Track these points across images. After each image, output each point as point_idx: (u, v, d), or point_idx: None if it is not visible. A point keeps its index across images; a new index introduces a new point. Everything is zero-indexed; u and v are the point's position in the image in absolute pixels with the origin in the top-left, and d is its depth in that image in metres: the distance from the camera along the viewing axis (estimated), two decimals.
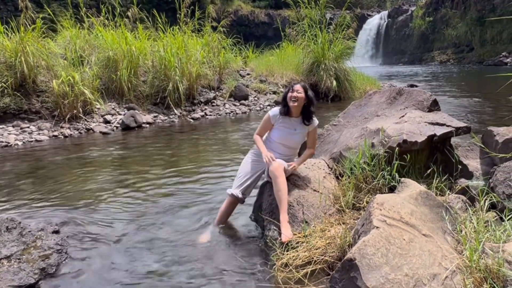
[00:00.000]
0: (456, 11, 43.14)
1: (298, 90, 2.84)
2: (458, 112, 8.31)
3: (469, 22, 40.87)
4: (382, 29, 51.39)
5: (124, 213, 3.28)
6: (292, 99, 2.83)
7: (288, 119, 2.92)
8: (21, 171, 4.63)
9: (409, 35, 49.32)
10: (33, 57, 7.11)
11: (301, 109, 2.90)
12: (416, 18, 48.18)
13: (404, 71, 29.16)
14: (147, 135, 6.82)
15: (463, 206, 2.41)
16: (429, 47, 46.55)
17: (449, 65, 39.34)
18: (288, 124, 2.92)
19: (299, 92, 2.84)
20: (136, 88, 8.41)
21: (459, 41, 42.69)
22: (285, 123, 2.92)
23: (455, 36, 43.07)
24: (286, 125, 2.92)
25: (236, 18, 47.48)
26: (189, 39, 9.70)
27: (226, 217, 2.97)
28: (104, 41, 8.56)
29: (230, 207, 2.95)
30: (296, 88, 2.86)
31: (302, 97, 2.84)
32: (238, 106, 9.72)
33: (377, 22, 51.52)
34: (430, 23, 46.22)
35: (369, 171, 2.75)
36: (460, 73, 25.07)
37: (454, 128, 2.75)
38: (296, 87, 2.86)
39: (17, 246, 2.40)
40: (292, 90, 2.86)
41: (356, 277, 1.76)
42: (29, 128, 6.65)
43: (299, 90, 2.85)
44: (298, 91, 2.84)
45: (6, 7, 27.78)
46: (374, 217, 2.02)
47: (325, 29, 10.82)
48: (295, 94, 2.82)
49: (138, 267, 2.41)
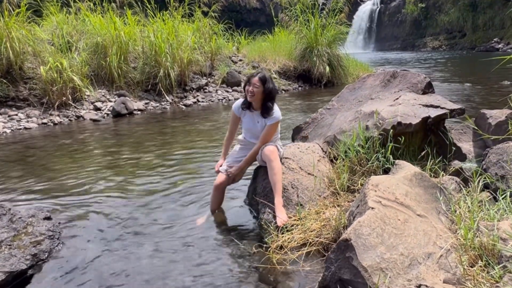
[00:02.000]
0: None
1: (255, 84, 2.64)
2: (451, 96, 8.35)
3: (462, 8, 40.82)
4: (374, 15, 51.09)
5: (116, 199, 3.24)
6: (249, 94, 2.65)
7: (251, 112, 2.81)
8: (9, 159, 4.53)
9: (402, 21, 49.14)
10: (19, 43, 6.91)
11: (261, 102, 2.72)
12: (409, 4, 47.94)
13: (396, 57, 29.16)
14: (139, 122, 6.73)
15: (457, 187, 2.42)
16: (421, 33, 46.51)
17: (442, 51, 39.42)
18: (251, 116, 2.82)
19: (256, 86, 2.63)
20: (127, 75, 8.27)
21: (452, 27, 42.69)
22: (248, 115, 2.84)
23: (447, 22, 43.03)
24: (249, 117, 2.84)
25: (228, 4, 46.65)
26: (180, 25, 9.51)
27: (218, 202, 2.92)
28: (92, 26, 8.35)
29: (219, 188, 2.84)
30: (254, 81, 2.65)
31: (259, 91, 2.64)
32: (230, 92, 9.63)
33: (370, 8, 51.18)
34: (423, 9, 46.05)
35: (364, 154, 2.74)
36: (452, 59, 25.16)
37: (448, 110, 2.74)
38: (253, 80, 2.65)
39: (7, 232, 2.35)
40: (250, 83, 2.67)
41: (351, 257, 1.75)
42: (17, 115, 6.51)
43: (256, 84, 2.64)
44: (255, 85, 2.64)
45: None
46: (369, 198, 2.01)
47: (318, 14, 10.69)
48: (251, 89, 2.64)
49: (131, 253, 2.39)
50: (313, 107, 7.54)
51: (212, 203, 2.91)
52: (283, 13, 11.96)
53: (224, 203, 2.99)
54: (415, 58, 27.15)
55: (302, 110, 7.47)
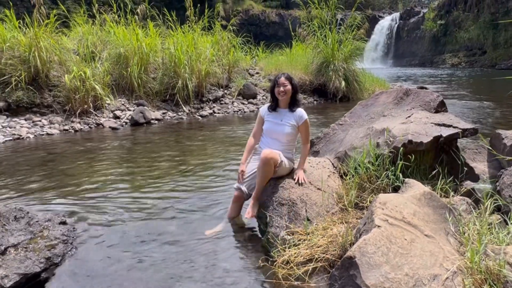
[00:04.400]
0: (469, 14, 42.43)
1: (284, 83, 2.88)
2: (468, 115, 8.20)
3: (482, 25, 40.15)
4: (393, 30, 50.85)
5: (131, 206, 3.33)
6: (281, 94, 2.89)
7: (276, 112, 3.00)
8: (31, 163, 4.72)
9: (421, 37, 48.68)
10: (46, 52, 7.24)
11: (289, 100, 2.95)
12: (428, 20, 47.53)
13: (414, 74, 28.84)
14: (155, 131, 6.89)
15: (468, 208, 2.39)
16: (440, 50, 45.90)
17: (461, 68, 38.73)
18: (274, 115, 2.99)
19: (285, 85, 2.88)
20: (146, 85, 8.51)
21: (471, 44, 41.97)
22: (272, 115, 3.00)
23: (467, 39, 42.34)
24: (272, 117, 2.99)
25: (247, 17, 47.45)
26: (199, 37, 9.76)
27: (235, 212, 3.02)
28: (116, 37, 8.67)
29: (237, 201, 3.00)
30: (281, 81, 2.89)
31: (289, 89, 2.89)
32: (246, 104, 9.75)
33: (388, 24, 51.00)
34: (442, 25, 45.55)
35: (373, 171, 2.74)
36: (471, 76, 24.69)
37: (461, 130, 2.73)
38: (281, 81, 2.89)
39: (24, 235, 2.46)
40: (278, 84, 2.90)
41: (355, 275, 1.76)
42: (40, 121, 6.78)
43: (284, 83, 2.88)
44: (284, 84, 2.88)
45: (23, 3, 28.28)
46: (376, 216, 2.02)
47: (335, 30, 10.77)
48: (282, 89, 2.87)
49: (142, 260, 2.45)
50: (327, 121, 7.54)
51: (230, 210, 3.02)
52: (301, 28, 12.09)
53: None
54: (434, 75, 26.78)
55: (315, 124, 7.48)
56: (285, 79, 2.90)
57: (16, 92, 6.85)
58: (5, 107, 6.72)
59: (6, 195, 3.61)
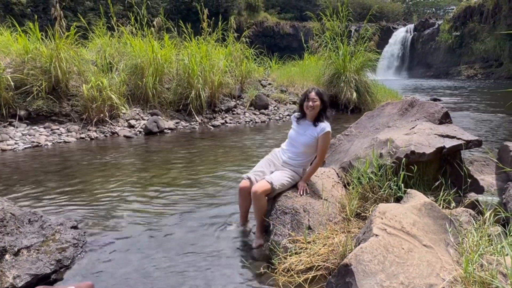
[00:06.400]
0: (485, 25, 41.85)
1: (313, 99, 2.90)
2: (480, 127, 8.09)
3: (498, 37, 39.50)
4: (408, 42, 50.54)
5: (141, 213, 3.44)
6: (309, 108, 2.91)
7: (303, 121, 3.03)
8: (48, 170, 4.91)
9: (436, 49, 48.17)
10: (66, 63, 7.55)
11: (316, 115, 2.96)
12: (443, 32, 47.06)
13: (429, 85, 28.51)
14: (168, 140, 7.05)
15: (470, 220, 2.39)
16: (456, 61, 45.27)
17: (477, 80, 38.04)
18: (300, 125, 3.03)
19: (315, 101, 2.90)
20: (160, 95, 8.73)
21: (488, 56, 41.25)
22: (298, 125, 3.05)
23: (483, 51, 41.65)
24: (297, 127, 3.05)
25: (262, 29, 48.08)
26: (213, 49, 9.98)
27: (245, 210, 3.04)
28: (132, 48, 8.97)
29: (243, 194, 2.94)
30: (311, 96, 2.91)
31: (318, 105, 2.90)
32: (258, 115, 9.86)
33: (403, 35, 50.75)
34: (457, 37, 45.00)
35: (376, 181, 2.77)
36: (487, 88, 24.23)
37: (464, 141, 2.74)
38: (311, 96, 2.92)
39: (37, 237, 2.58)
40: (308, 99, 2.93)
41: (351, 283, 1.79)
42: (59, 130, 7.03)
43: (314, 98, 2.90)
44: (313, 100, 2.90)
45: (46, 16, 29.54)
46: (374, 225, 2.05)
47: (347, 42, 10.85)
48: (311, 104, 2.90)
49: (149, 266, 2.53)
50: (337, 133, 7.55)
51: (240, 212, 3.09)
52: (313, 40, 12.21)
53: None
54: (449, 86, 26.42)
55: None
56: (315, 94, 2.91)
57: (36, 101, 7.15)
58: (25, 115, 7.02)
59: (22, 199, 3.78)
